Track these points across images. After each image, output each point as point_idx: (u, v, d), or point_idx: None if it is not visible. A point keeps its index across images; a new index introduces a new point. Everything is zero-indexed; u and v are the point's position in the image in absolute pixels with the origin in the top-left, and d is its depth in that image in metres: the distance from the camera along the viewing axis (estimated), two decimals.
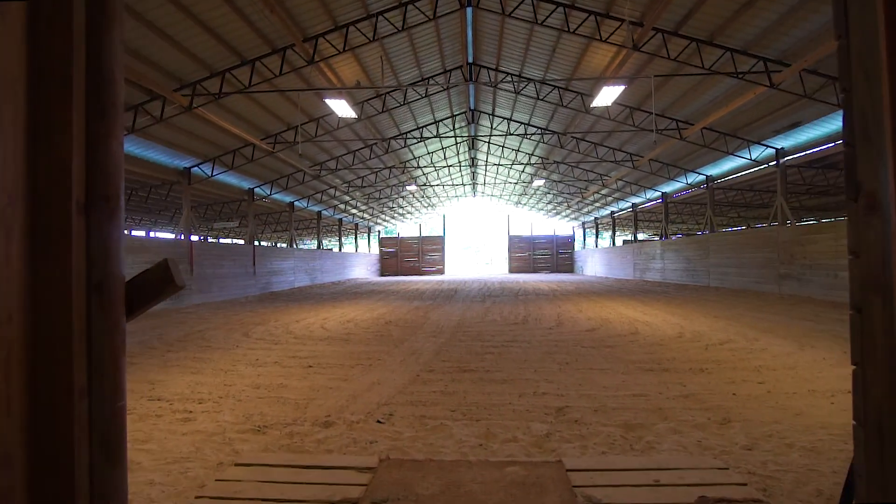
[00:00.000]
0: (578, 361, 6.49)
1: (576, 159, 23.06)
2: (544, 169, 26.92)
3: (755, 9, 9.87)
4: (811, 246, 13.41)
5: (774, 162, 15.57)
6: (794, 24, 9.81)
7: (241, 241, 23.71)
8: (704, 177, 20.42)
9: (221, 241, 39.78)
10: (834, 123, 13.17)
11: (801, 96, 10.96)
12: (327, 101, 12.91)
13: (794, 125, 13.62)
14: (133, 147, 14.17)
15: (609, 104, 13.46)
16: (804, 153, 14.66)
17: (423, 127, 21.22)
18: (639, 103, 15.48)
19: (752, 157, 15.84)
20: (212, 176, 16.64)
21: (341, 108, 13.40)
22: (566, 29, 11.20)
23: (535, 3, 11.26)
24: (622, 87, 12.24)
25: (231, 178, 19.46)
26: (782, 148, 15.30)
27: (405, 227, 48.20)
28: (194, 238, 17.04)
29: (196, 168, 16.51)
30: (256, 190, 21.23)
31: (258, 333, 9.46)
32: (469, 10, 12.39)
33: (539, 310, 12.57)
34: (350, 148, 20.97)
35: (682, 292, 17.72)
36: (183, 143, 14.96)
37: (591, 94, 15.42)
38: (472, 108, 20.78)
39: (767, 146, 15.45)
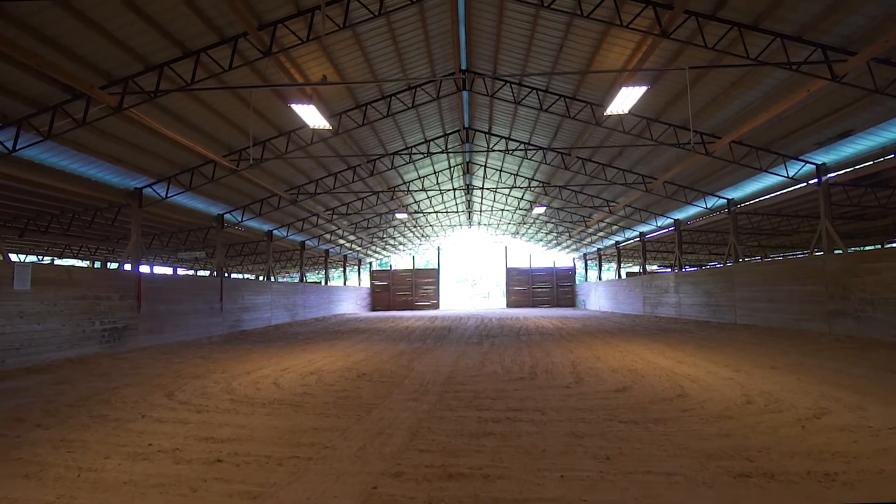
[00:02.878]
0: (624, 453, 4.19)
1: (581, 182, 21.07)
2: (545, 195, 24.94)
3: None
4: (871, 277, 11.22)
5: (815, 180, 13.52)
6: (864, 1, 7.91)
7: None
8: (725, 200, 18.39)
9: (189, 273, 37.55)
10: (890, 132, 11.20)
11: (869, 91, 8.98)
12: (293, 106, 10.90)
13: (844, 135, 11.64)
14: (70, 162, 12.07)
15: (626, 111, 11.49)
16: (852, 168, 12.64)
17: (412, 147, 19.27)
18: (658, 113, 13.52)
19: (790, 175, 13.79)
20: (166, 197, 14.46)
21: (311, 115, 11.39)
22: (578, 12, 9.26)
23: None
24: (644, 89, 10.29)
25: (197, 203, 17.32)
26: (824, 163, 13.30)
27: (398, 259, 46.05)
28: (144, 269, 14.74)
29: (149, 189, 14.36)
30: (226, 216, 19.06)
31: (186, 393, 7.13)
32: None
33: (547, 356, 10.25)
34: (331, 169, 18.93)
35: (708, 331, 15.43)
36: (132, 158, 12.86)
37: (603, 104, 13.51)
38: (467, 125, 18.87)
39: (807, 162, 13.44)
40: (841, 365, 8.41)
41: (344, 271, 38.38)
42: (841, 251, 12.79)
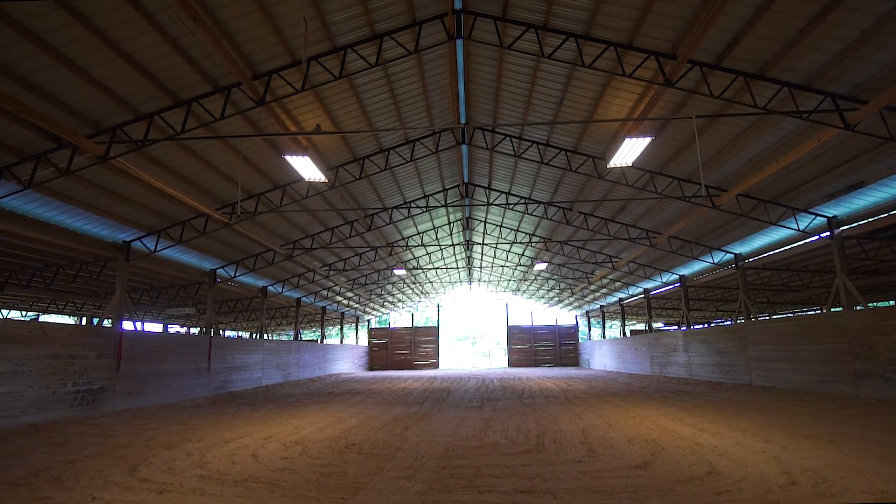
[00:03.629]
0: None
1: (583, 238, 20.66)
2: (547, 250, 24.50)
3: (815, 35, 7.85)
4: None
5: (826, 233, 13.07)
6: (873, 49, 7.72)
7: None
8: (732, 255, 17.89)
9: (178, 330, 36.68)
10: None
11: (882, 140, 8.66)
12: (288, 158, 10.59)
13: (855, 186, 11.27)
14: (56, 213, 11.65)
15: (629, 164, 11.17)
16: (866, 221, 12.18)
17: (410, 202, 19.00)
18: (661, 166, 13.25)
19: (800, 228, 13.35)
20: (155, 251, 13.96)
21: (306, 168, 11.07)
22: (580, 63, 9.08)
23: (541, 35, 9.26)
24: (647, 140, 9.99)
25: (188, 257, 16.82)
26: (835, 216, 12.87)
27: (397, 317, 45.13)
28: (131, 326, 14.03)
29: (137, 242, 13.89)
30: (219, 271, 18.51)
31: (152, 468, 6.30)
32: (459, 44, 10.39)
33: (555, 423, 9.37)
34: (327, 224, 18.57)
35: (724, 393, 14.48)
36: (120, 210, 12.47)
37: (605, 157, 13.27)
38: (466, 180, 18.68)
39: (817, 214, 13.03)
40: (884, 435, 7.57)
41: (341, 329, 37.39)
42: (862, 307, 12.13)
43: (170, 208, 13.12)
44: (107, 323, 13.48)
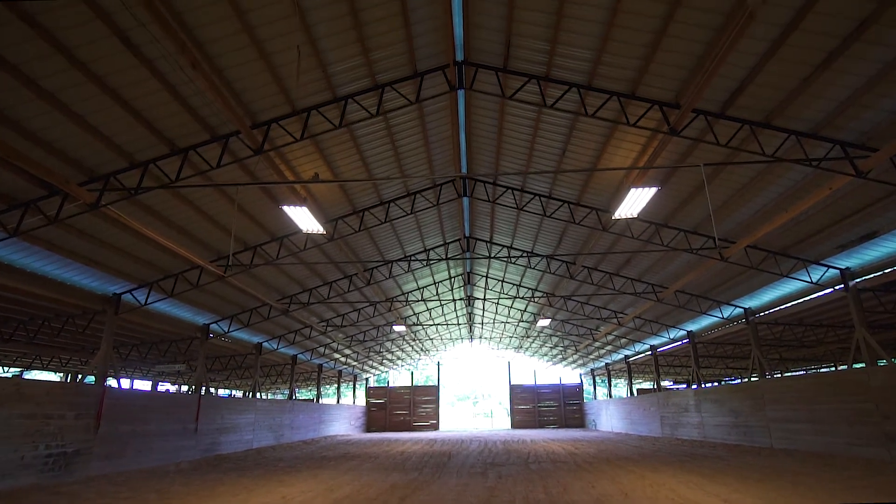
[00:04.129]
0: None
1: (587, 293, 20.19)
2: (550, 306, 23.94)
3: (821, 83, 7.78)
4: None
5: (840, 286, 12.64)
6: (879, 97, 7.62)
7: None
8: (742, 310, 17.36)
9: (168, 388, 35.48)
10: None
11: (894, 188, 8.41)
12: (285, 209, 10.34)
13: (868, 237, 10.97)
14: (43, 263, 11.28)
15: (634, 215, 10.91)
16: (881, 273, 11.79)
17: (411, 256, 18.70)
18: (666, 218, 13.01)
19: (813, 280, 12.94)
20: (146, 304, 13.49)
21: (304, 218, 10.80)
22: (582, 112, 9.01)
23: (543, 85, 9.24)
24: (654, 190, 9.76)
25: (181, 311, 16.30)
26: (848, 268, 12.50)
27: (396, 375, 43.86)
28: (117, 383, 13.33)
29: (128, 294, 13.43)
30: (212, 326, 17.92)
31: None
32: (461, 94, 10.39)
33: (565, 493, 8.57)
34: (326, 278, 18.17)
35: (743, 458, 13.54)
36: (111, 261, 12.11)
37: (609, 209, 13.07)
38: (467, 234, 18.46)
39: (829, 266, 12.66)
40: None
41: (338, 388, 36.14)
42: (885, 363, 11.51)
43: (162, 259, 12.77)
44: (90, 379, 12.80)
